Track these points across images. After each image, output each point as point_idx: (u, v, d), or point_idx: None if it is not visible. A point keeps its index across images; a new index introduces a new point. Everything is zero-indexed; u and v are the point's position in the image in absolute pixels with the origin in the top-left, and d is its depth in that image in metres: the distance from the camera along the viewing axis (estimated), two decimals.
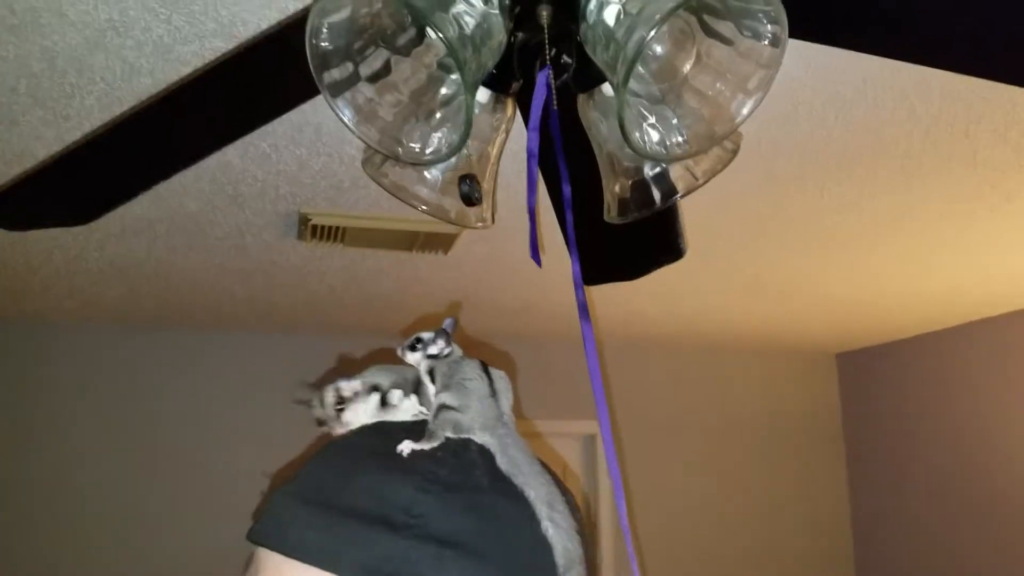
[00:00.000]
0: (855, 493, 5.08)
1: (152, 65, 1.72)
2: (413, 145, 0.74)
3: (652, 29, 0.62)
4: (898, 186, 2.45)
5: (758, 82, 0.72)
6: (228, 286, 3.44)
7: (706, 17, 0.71)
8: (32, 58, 1.68)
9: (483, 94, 0.89)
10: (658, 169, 0.87)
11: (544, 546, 0.65)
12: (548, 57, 0.83)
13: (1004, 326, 4.09)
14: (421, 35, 0.77)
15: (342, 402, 0.74)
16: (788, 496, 4.99)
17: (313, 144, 2.14)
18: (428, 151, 0.74)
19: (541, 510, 0.66)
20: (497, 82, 0.88)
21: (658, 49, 0.70)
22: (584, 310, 0.87)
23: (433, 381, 0.77)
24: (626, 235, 1.31)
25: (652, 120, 0.75)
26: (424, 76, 0.77)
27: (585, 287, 0.93)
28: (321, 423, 0.75)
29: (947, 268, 3.30)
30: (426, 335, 0.78)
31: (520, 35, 0.85)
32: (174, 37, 1.64)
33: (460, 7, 0.71)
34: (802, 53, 1.74)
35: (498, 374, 0.76)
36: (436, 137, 0.74)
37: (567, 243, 1.31)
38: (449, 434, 0.70)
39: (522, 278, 3.37)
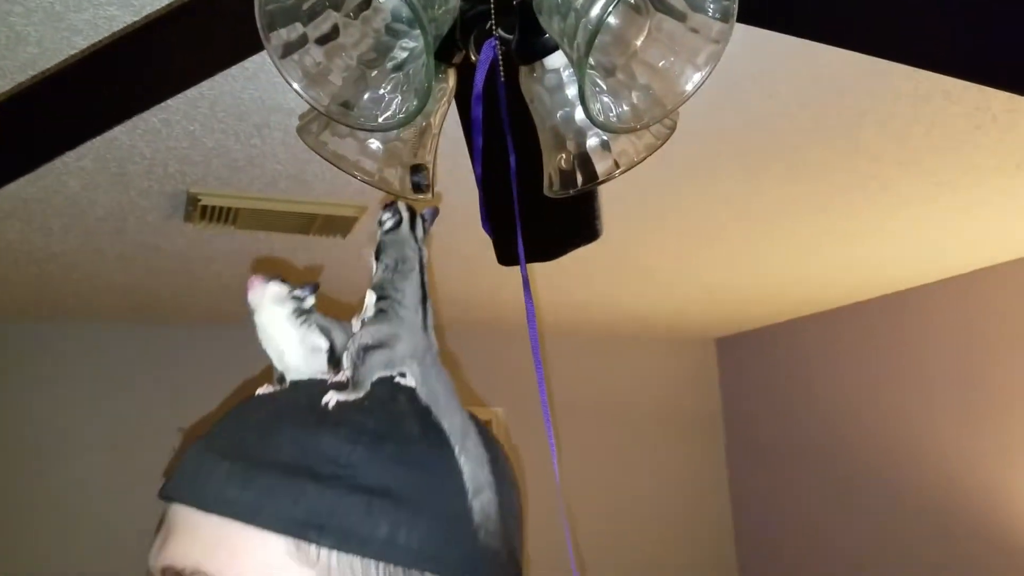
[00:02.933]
0: (734, 472, 5.29)
1: (40, 34, 1.62)
2: (365, 111, 0.72)
3: None
4: (786, 176, 2.55)
5: (707, 56, 0.74)
6: (106, 272, 3.27)
7: None
8: None
9: None
10: (600, 143, 0.88)
11: (464, 492, 0.65)
12: (493, 27, 0.83)
13: (873, 310, 4.35)
14: None
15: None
16: (670, 479, 5.13)
17: (207, 120, 2.05)
18: (382, 117, 0.72)
19: (455, 439, 0.66)
20: (440, 51, 0.87)
21: (613, 21, 0.71)
22: (527, 286, 0.87)
23: (377, 259, 0.75)
24: (546, 215, 1.31)
25: (604, 91, 0.76)
26: (372, 40, 0.75)
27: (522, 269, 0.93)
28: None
29: (824, 255, 3.47)
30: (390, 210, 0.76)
31: (463, 3, 0.84)
32: (66, 5, 1.54)
33: None
34: None
35: (431, 308, 0.76)
36: (390, 102, 0.73)
37: (490, 220, 1.31)
38: (381, 373, 0.69)
39: None
